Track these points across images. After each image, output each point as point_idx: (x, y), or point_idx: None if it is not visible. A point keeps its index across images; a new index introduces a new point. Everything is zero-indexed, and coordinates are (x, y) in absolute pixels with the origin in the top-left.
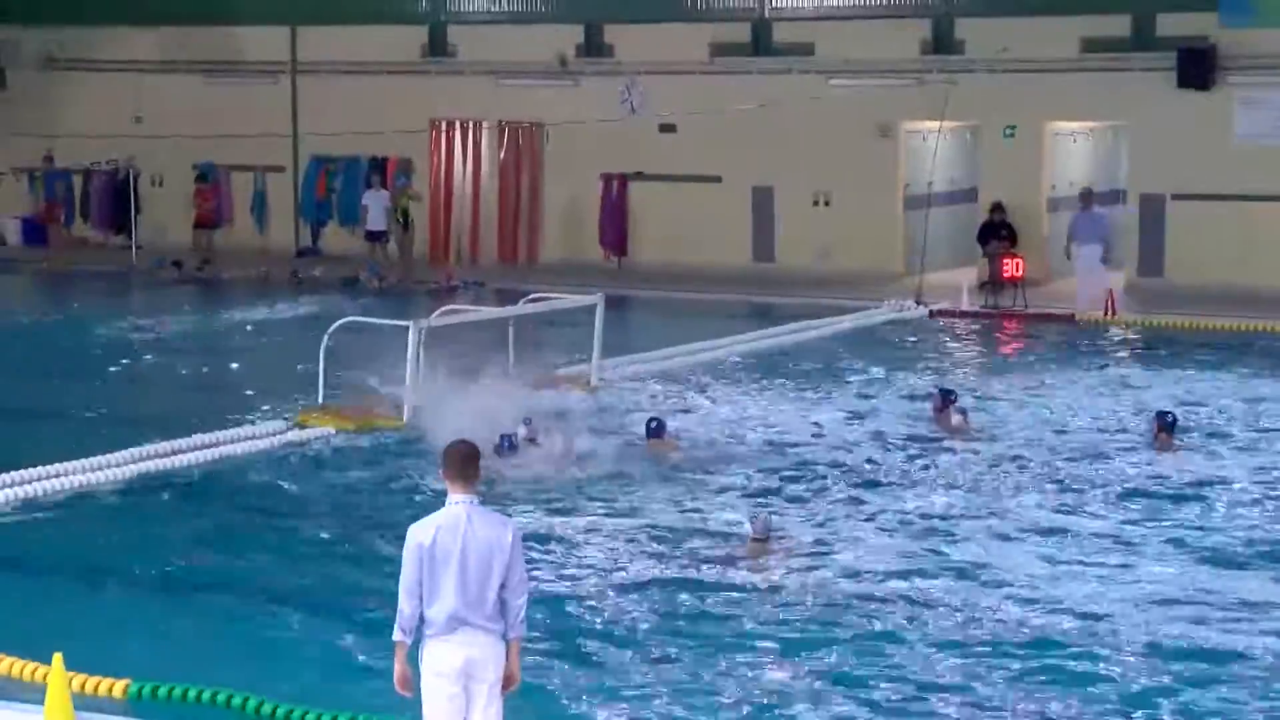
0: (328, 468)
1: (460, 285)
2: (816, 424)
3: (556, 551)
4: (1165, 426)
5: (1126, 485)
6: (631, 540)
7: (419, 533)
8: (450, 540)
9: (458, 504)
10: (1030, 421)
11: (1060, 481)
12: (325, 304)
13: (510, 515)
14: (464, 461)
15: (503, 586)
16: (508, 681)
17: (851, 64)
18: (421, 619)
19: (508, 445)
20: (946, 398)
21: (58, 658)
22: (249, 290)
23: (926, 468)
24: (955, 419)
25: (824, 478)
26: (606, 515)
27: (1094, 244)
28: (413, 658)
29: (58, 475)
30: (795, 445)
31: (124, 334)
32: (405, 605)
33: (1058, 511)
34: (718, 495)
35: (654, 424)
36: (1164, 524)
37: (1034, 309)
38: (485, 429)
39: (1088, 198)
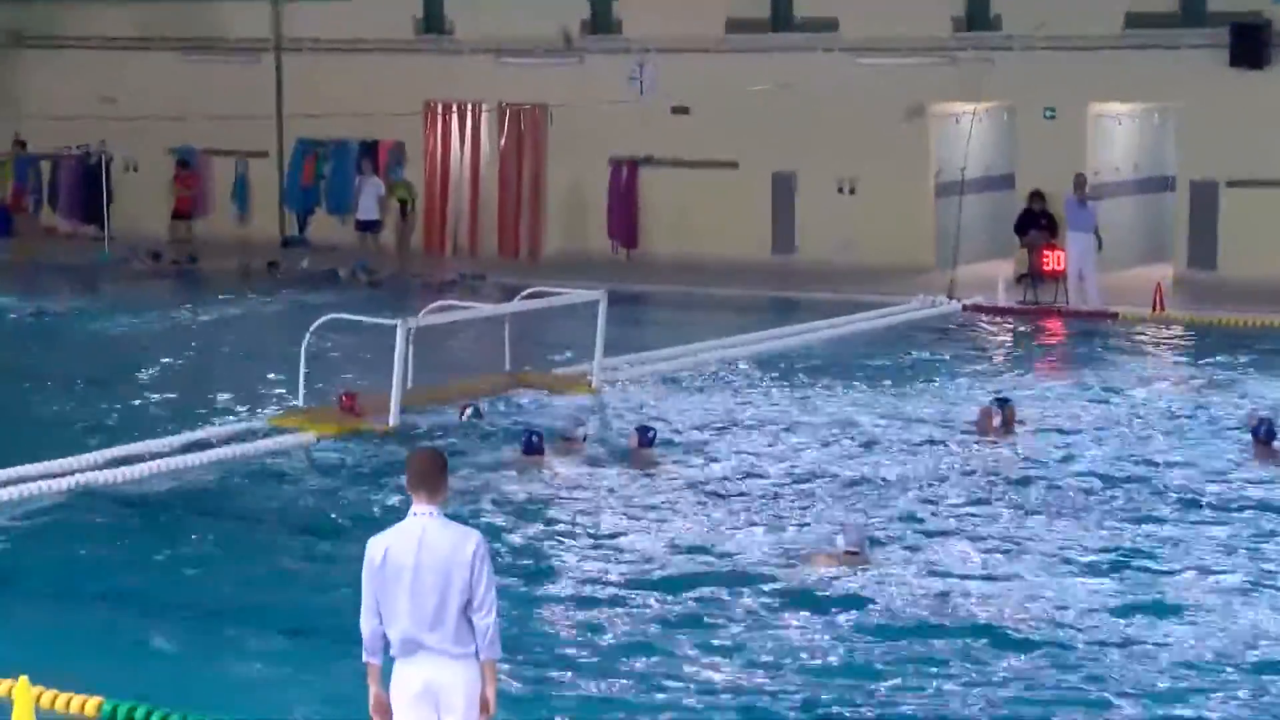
0: (307, 476)
1: (456, 279)
2: (845, 429)
3: (630, 566)
4: (1265, 436)
5: (1230, 499)
6: (685, 554)
7: (372, 548)
8: (404, 556)
9: (417, 516)
10: (1093, 430)
11: (1154, 495)
12: (310, 299)
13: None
14: (426, 471)
15: (468, 604)
16: (482, 707)
17: (879, 41)
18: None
19: (531, 443)
20: (1002, 406)
21: (23, 679)
22: (229, 284)
23: (990, 483)
24: (995, 421)
25: (863, 490)
26: (654, 525)
27: (1085, 233)
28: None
29: (11, 483)
30: (827, 454)
31: (93, 331)
32: (364, 626)
33: (1144, 532)
34: (753, 508)
35: (650, 433)
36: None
37: (1076, 305)
38: (476, 432)
39: (1081, 186)
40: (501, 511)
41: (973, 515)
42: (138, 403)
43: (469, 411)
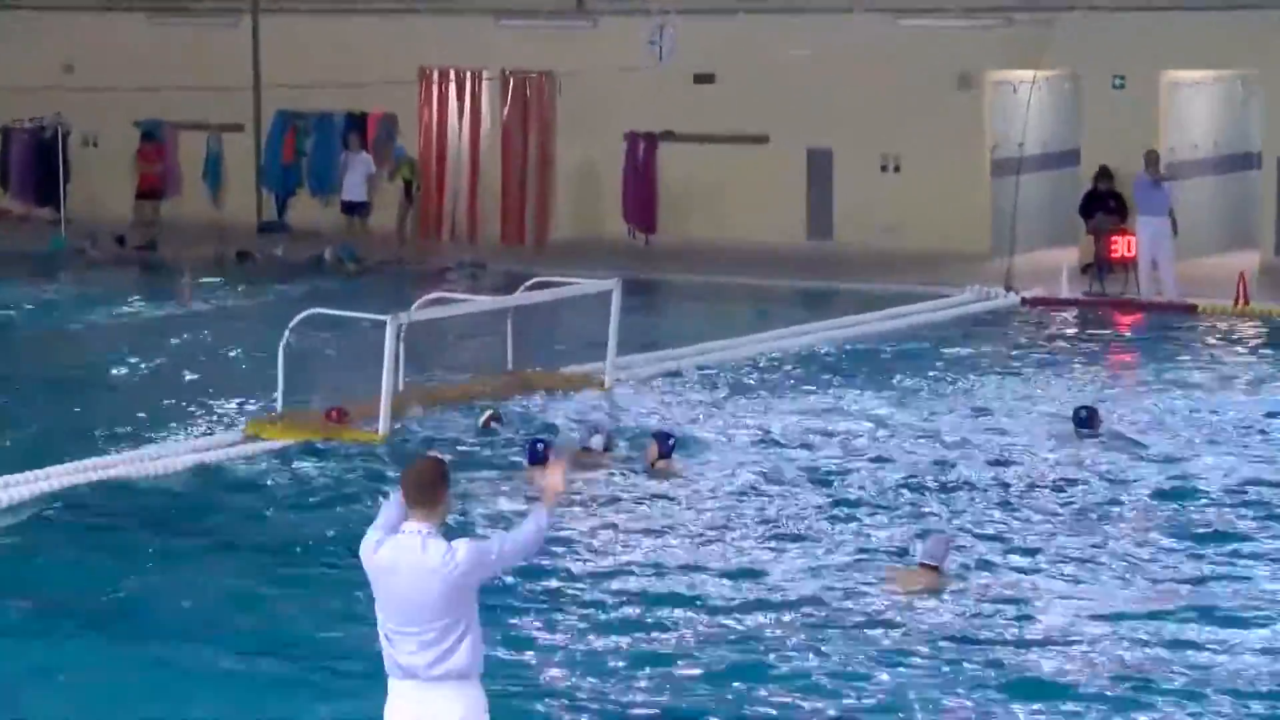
0: (284, 490)
1: (454, 268)
2: (889, 436)
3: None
4: None
5: None
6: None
7: (365, 545)
8: (389, 567)
9: (407, 535)
10: (1177, 438)
11: (1251, 511)
12: (290, 291)
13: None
14: (420, 484)
15: (461, 627)
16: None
17: (926, 1)
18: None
19: (536, 452)
20: (1086, 415)
21: None
22: (200, 273)
23: (1070, 497)
24: (1080, 429)
25: (920, 503)
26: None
27: (1159, 217)
28: None
29: None
30: (871, 464)
31: (47, 327)
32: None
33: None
34: (792, 524)
35: (670, 440)
36: None
37: (1149, 297)
38: (477, 440)
39: (1154, 164)
40: (498, 529)
41: (1056, 533)
42: (95, 407)
43: (489, 416)
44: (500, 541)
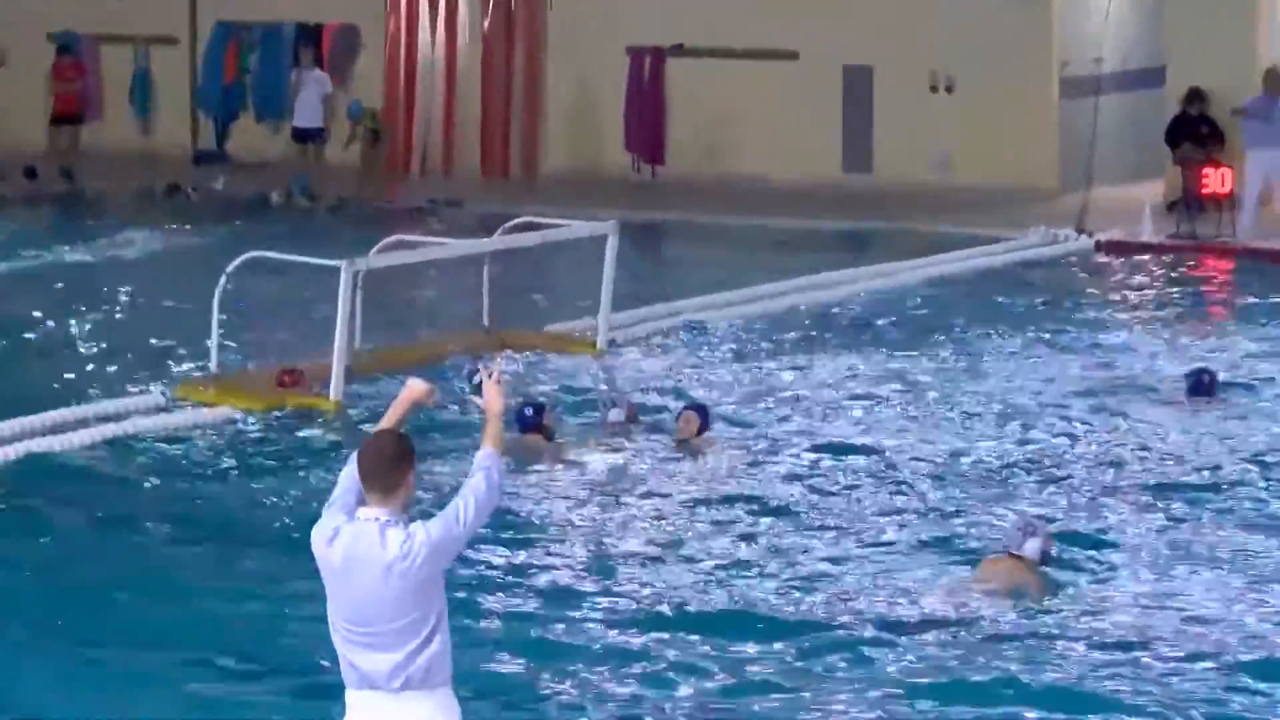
0: (216, 465)
1: (425, 207)
2: (948, 404)
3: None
4: None
5: None
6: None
7: (316, 536)
8: (340, 561)
9: (363, 522)
10: None
11: None
12: (233, 231)
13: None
14: (378, 463)
15: (429, 625)
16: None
17: None
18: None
19: (526, 418)
20: (1201, 380)
21: None
22: (125, 210)
23: (1175, 479)
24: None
25: (991, 483)
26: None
27: (1270, 150)
28: None
29: None
30: (929, 437)
31: None
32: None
33: None
34: (849, 510)
35: (685, 408)
36: None
37: (1251, 239)
38: (455, 410)
39: (1273, 83)
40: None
41: (1166, 519)
42: (1, 369)
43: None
44: (461, 506)
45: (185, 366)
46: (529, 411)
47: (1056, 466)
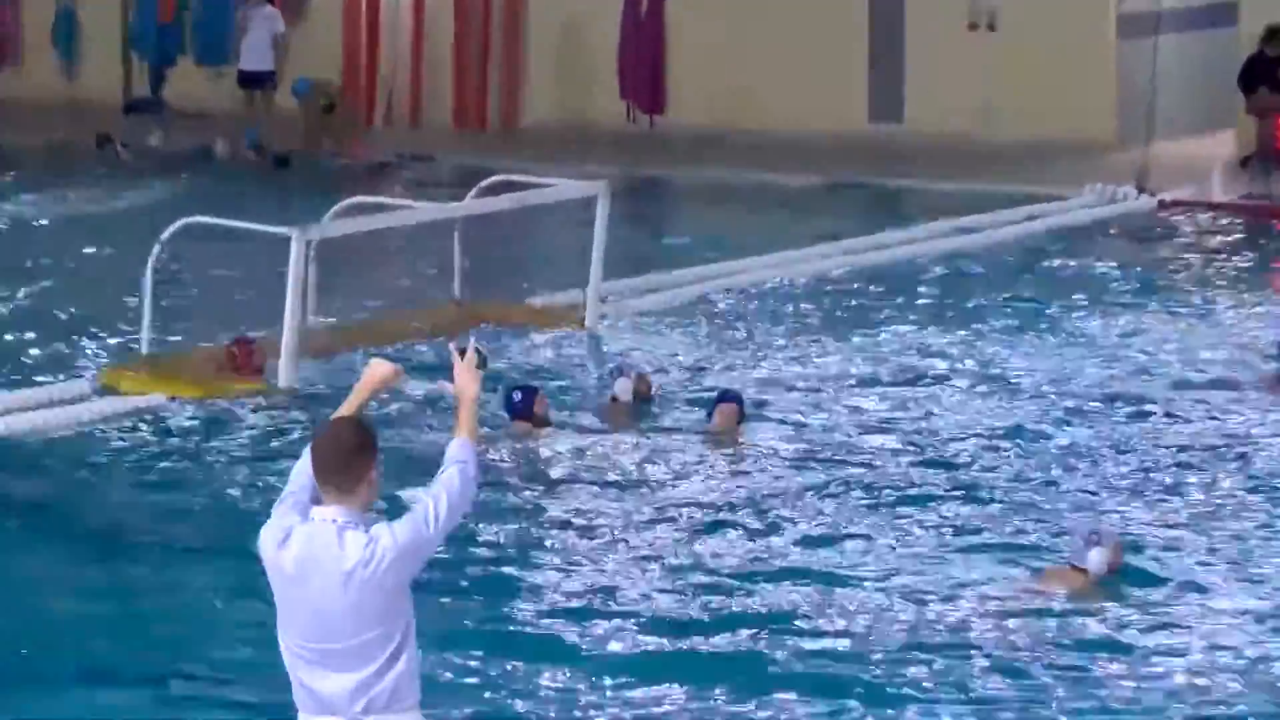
0: (149, 459)
1: (391, 163)
2: (995, 387)
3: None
4: None
5: None
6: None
7: (265, 539)
8: (293, 569)
9: (318, 523)
10: None
11: None
12: (168, 192)
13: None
14: (338, 456)
15: (396, 640)
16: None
17: None
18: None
19: (514, 402)
20: None
21: None
22: (47, 167)
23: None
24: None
25: (1048, 481)
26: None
27: None
28: None
29: None
30: (977, 427)
31: None
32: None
33: None
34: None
35: (720, 395)
36: None
37: None
38: (409, 398)
39: None
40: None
41: (1264, 519)
42: None
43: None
44: (432, 506)
45: (113, 348)
46: (517, 396)
47: (1125, 458)
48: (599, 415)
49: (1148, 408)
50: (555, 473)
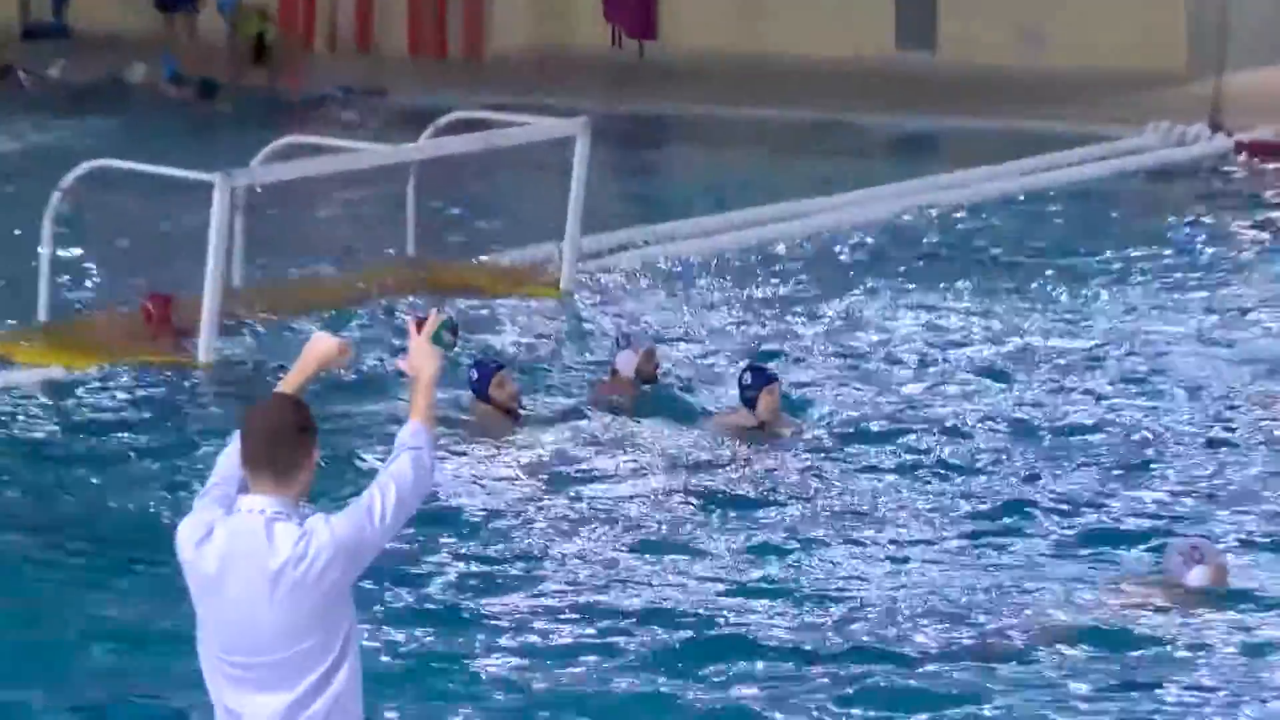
0: (46, 440)
1: (334, 97)
2: (1035, 357)
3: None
4: None
5: None
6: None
7: (182, 538)
8: (215, 570)
9: (248, 515)
10: None
11: None
12: (69, 130)
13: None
14: (274, 439)
15: (334, 651)
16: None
17: None
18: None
19: (480, 380)
20: None
21: None
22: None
23: None
24: None
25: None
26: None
27: None
28: None
29: None
30: (1016, 405)
31: None
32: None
33: None
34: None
35: (759, 376)
36: None
37: None
38: (370, 370)
39: None
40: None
41: None
42: None
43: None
44: (378, 498)
45: (6, 313)
46: (473, 375)
47: (1216, 449)
48: (590, 394)
49: (1230, 385)
50: (524, 465)
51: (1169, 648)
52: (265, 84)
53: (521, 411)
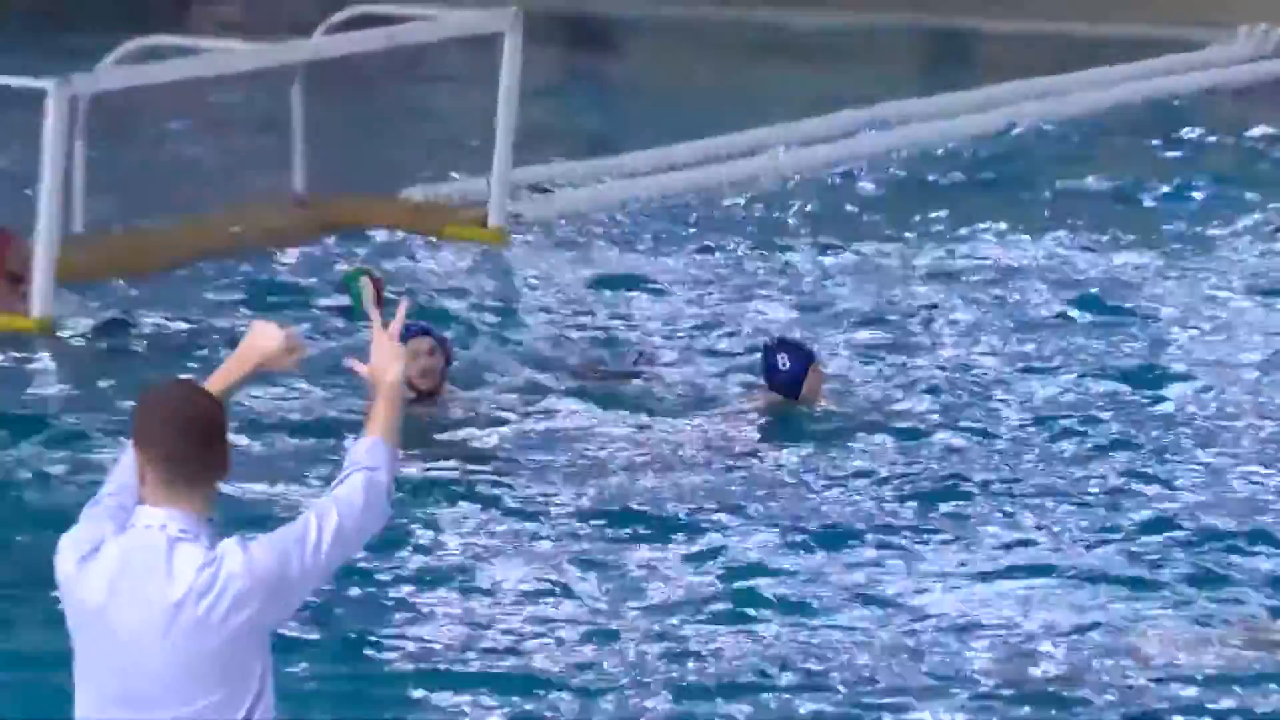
0: None
1: None
2: (1091, 319)
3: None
4: None
5: None
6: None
7: (63, 558)
8: (111, 598)
9: (153, 532)
10: None
11: None
12: None
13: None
14: (180, 434)
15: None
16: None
17: None
18: None
19: None
20: None
21: None
22: None
23: None
24: None
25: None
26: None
27: None
28: None
29: None
30: (1069, 382)
31: None
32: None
33: None
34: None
35: (798, 353)
36: None
37: None
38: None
39: None
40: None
41: None
42: None
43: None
44: (315, 522)
45: None
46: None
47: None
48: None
49: None
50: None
51: None
52: None
53: (448, 392)
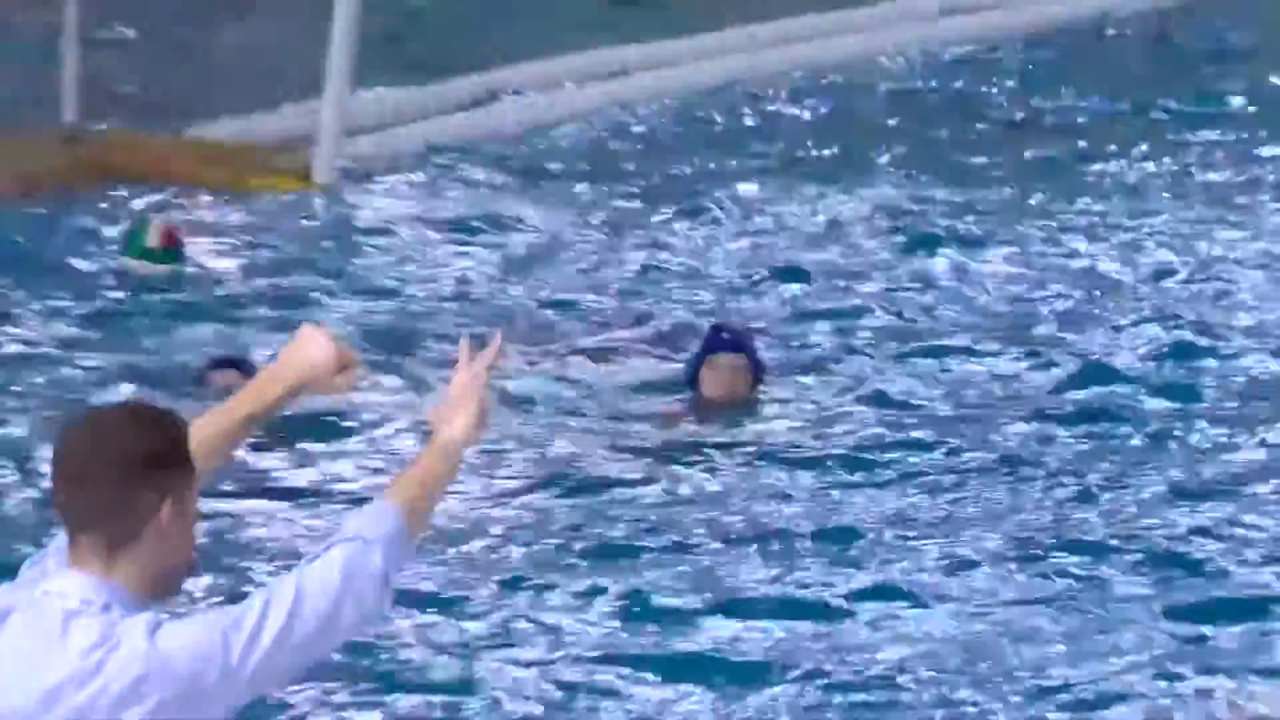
0: None
1: None
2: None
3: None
4: None
5: None
6: None
7: None
8: (6, 673)
9: (53, 599)
10: None
11: None
12: None
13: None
14: (95, 479)
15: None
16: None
17: None
18: None
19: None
20: None
21: None
22: None
23: None
24: None
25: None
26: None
27: None
28: None
29: None
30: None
31: None
32: None
33: None
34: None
35: (726, 335)
36: None
37: None
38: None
39: None
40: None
41: None
42: None
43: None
44: (260, 604)
45: None
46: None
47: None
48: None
49: None
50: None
51: None
52: None
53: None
